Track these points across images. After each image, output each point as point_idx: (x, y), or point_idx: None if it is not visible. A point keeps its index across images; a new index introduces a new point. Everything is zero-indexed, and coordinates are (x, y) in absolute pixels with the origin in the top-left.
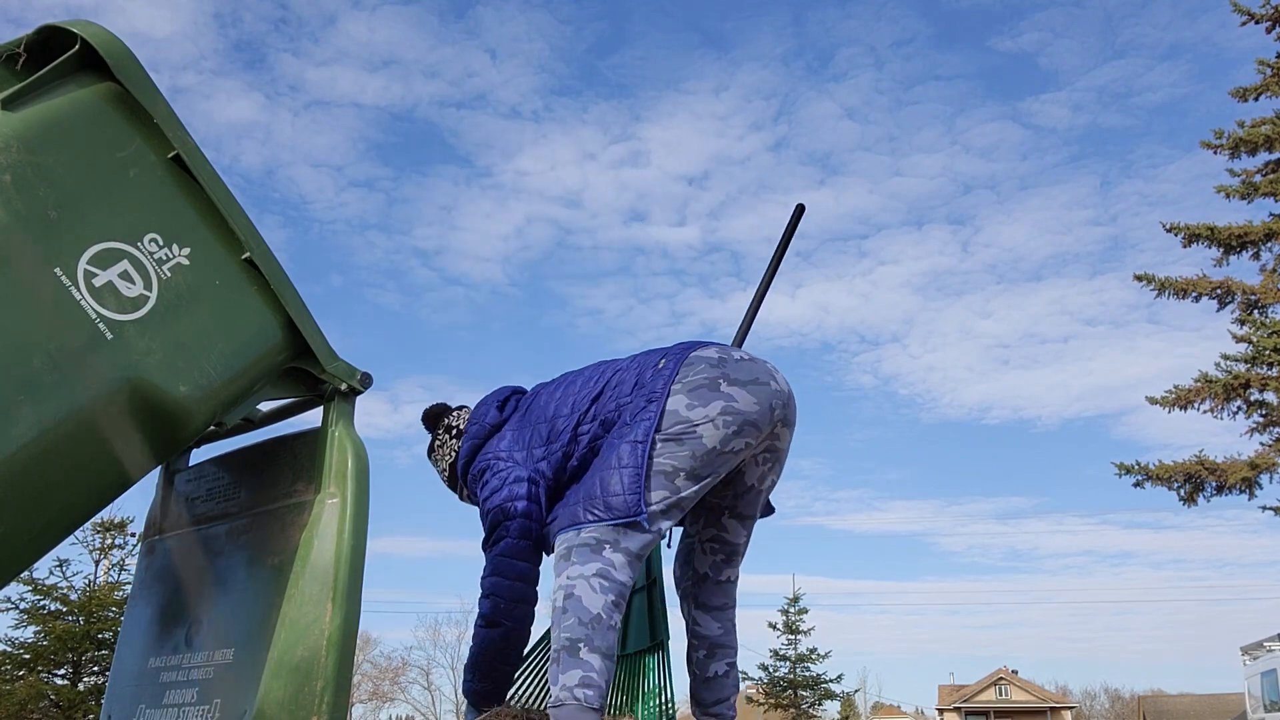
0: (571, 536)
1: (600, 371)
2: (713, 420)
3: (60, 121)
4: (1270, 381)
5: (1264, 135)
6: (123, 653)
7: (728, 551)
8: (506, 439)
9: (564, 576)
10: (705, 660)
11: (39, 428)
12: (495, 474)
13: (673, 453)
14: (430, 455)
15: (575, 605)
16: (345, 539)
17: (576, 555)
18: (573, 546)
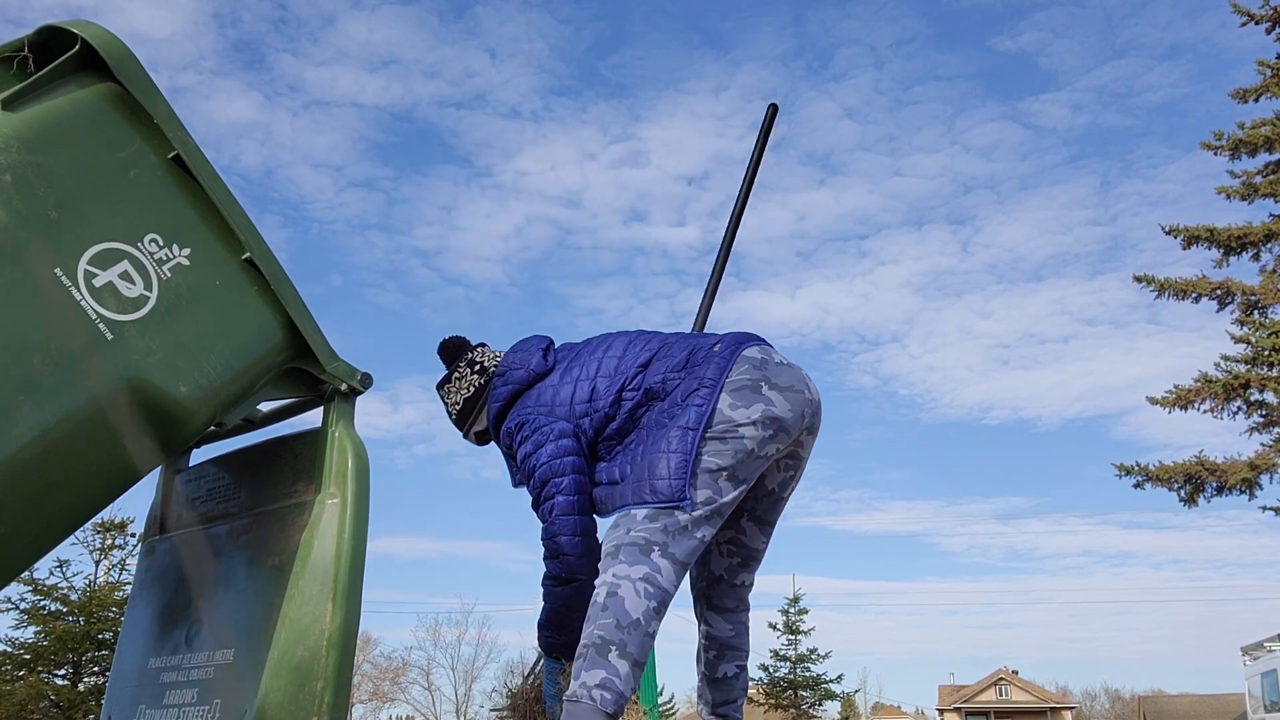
0: (621, 535)
1: (648, 340)
2: (755, 423)
3: (61, 122)
4: (1270, 382)
5: (1264, 136)
6: (123, 653)
7: (744, 555)
8: (548, 391)
9: (609, 574)
10: (715, 661)
11: (39, 428)
12: (539, 429)
13: (717, 450)
14: (442, 388)
15: (617, 605)
16: (345, 539)
17: (625, 555)
18: (621, 545)
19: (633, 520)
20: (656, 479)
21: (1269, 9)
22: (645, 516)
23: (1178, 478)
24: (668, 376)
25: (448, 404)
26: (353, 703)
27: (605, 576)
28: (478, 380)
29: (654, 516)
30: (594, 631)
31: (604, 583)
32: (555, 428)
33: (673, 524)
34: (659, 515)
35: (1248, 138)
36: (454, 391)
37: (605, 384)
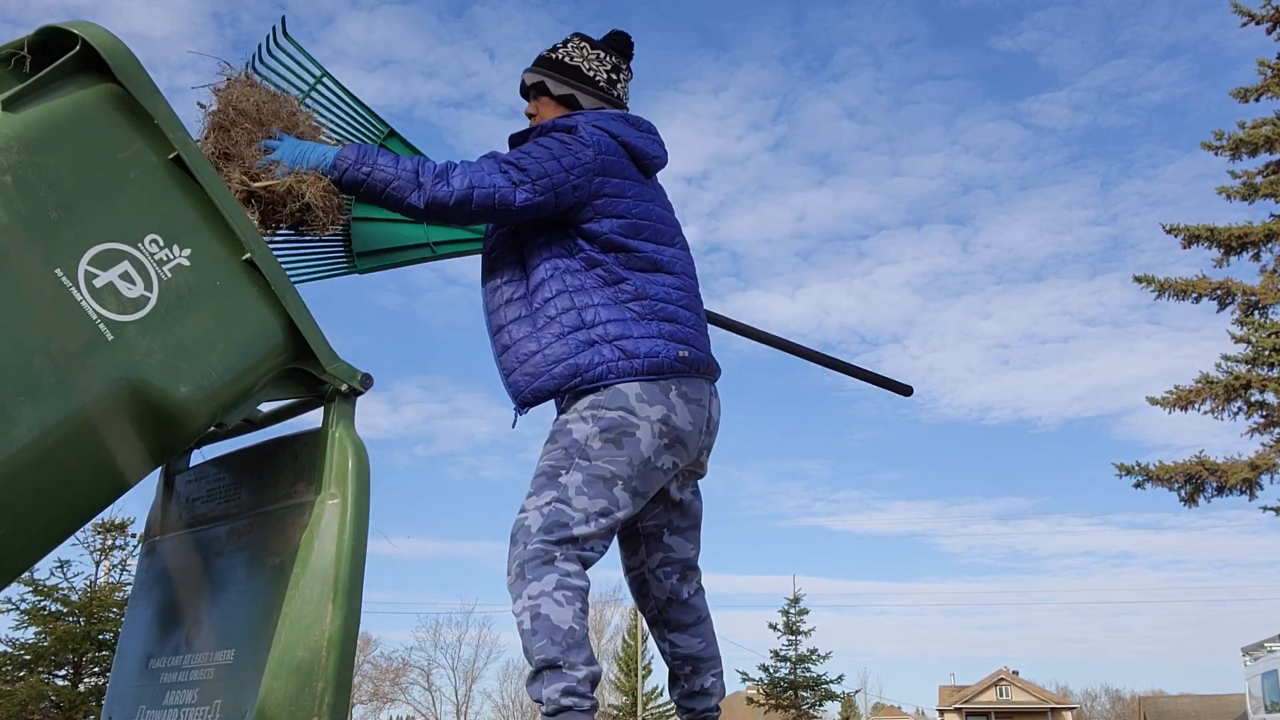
0: (519, 552)
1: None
2: (652, 424)
3: (61, 123)
4: (1270, 382)
5: (1264, 136)
6: (123, 653)
7: (682, 568)
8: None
9: (525, 598)
10: (693, 675)
11: (39, 429)
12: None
13: (612, 457)
14: (581, 38)
15: (545, 625)
16: (346, 540)
17: (530, 572)
18: (524, 563)
19: (528, 534)
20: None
21: (1270, 9)
22: (539, 529)
23: (1178, 478)
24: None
25: (564, 49)
26: (353, 703)
27: (522, 603)
28: (601, 80)
29: (549, 529)
30: (536, 657)
31: (525, 609)
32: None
33: (565, 538)
34: (553, 528)
35: (1248, 137)
36: (579, 54)
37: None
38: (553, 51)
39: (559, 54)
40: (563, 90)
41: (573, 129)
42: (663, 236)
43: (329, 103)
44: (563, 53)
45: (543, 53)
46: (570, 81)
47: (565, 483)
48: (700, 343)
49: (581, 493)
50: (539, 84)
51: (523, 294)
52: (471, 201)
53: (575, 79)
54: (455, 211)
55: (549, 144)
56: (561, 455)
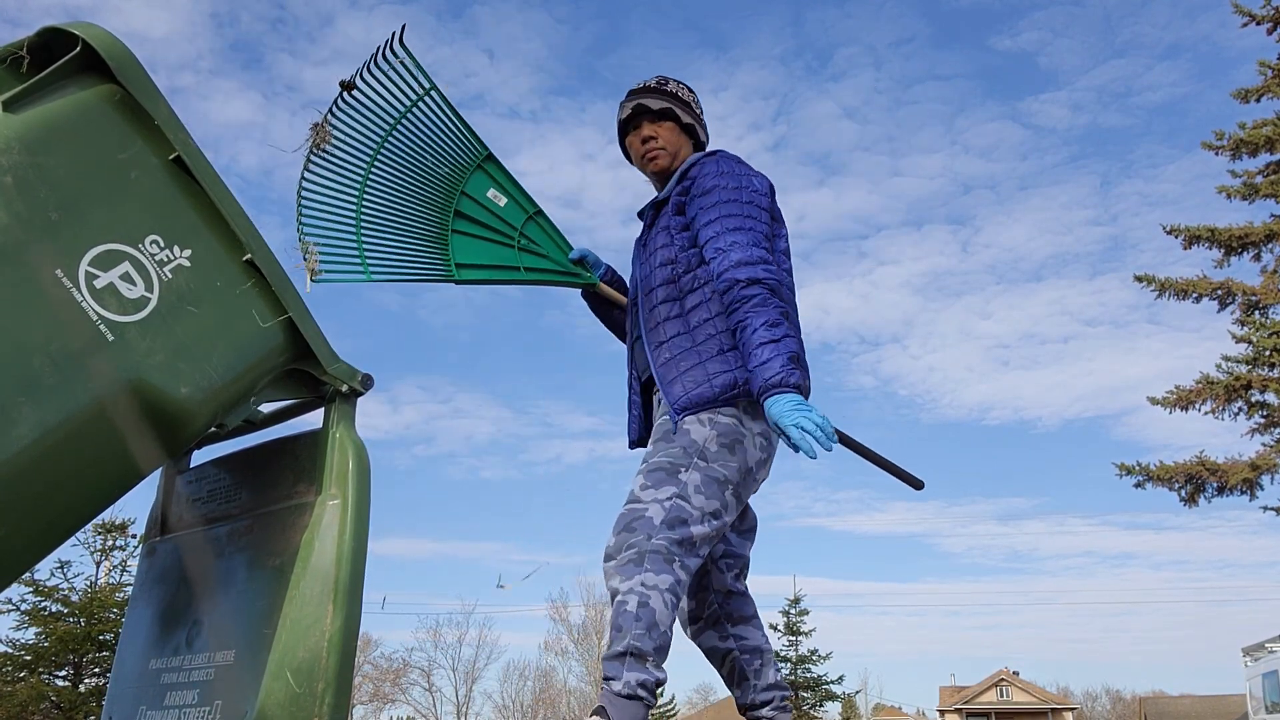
0: (640, 540)
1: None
2: (754, 437)
3: (62, 123)
4: (1271, 383)
5: (1265, 136)
6: (124, 654)
7: (741, 565)
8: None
9: (638, 582)
10: (762, 669)
11: (40, 429)
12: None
13: (725, 462)
14: (675, 80)
15: (649, 615)
16: (346, 540)
17: (650, 562)
18: (645, 552)
19: (650, 526)
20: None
21: (1270, 9)
22: (662, 522)
23: (1178, 478)
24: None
25: (673, 84)
26: (353, 704)
27: (633, 584)
28: (700, 115)
29: (671, 524)
30: (629, 640)
31: (633, 590)
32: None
33: (686, 539)
34: (675, 524)
35: (1249, 138)
36: (687, 91)
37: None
38: (664, 84)
39: (672, 88)
40: (688, 119)
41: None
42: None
43: (433, 117)
44: (675, 87)
45: (651, 85)
46: (692, 113)
47: (685, 480)
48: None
49: (699, 492)
50: (666, 110)
51: (679, 313)
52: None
53: (691, 110)
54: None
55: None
56: (680, 454)
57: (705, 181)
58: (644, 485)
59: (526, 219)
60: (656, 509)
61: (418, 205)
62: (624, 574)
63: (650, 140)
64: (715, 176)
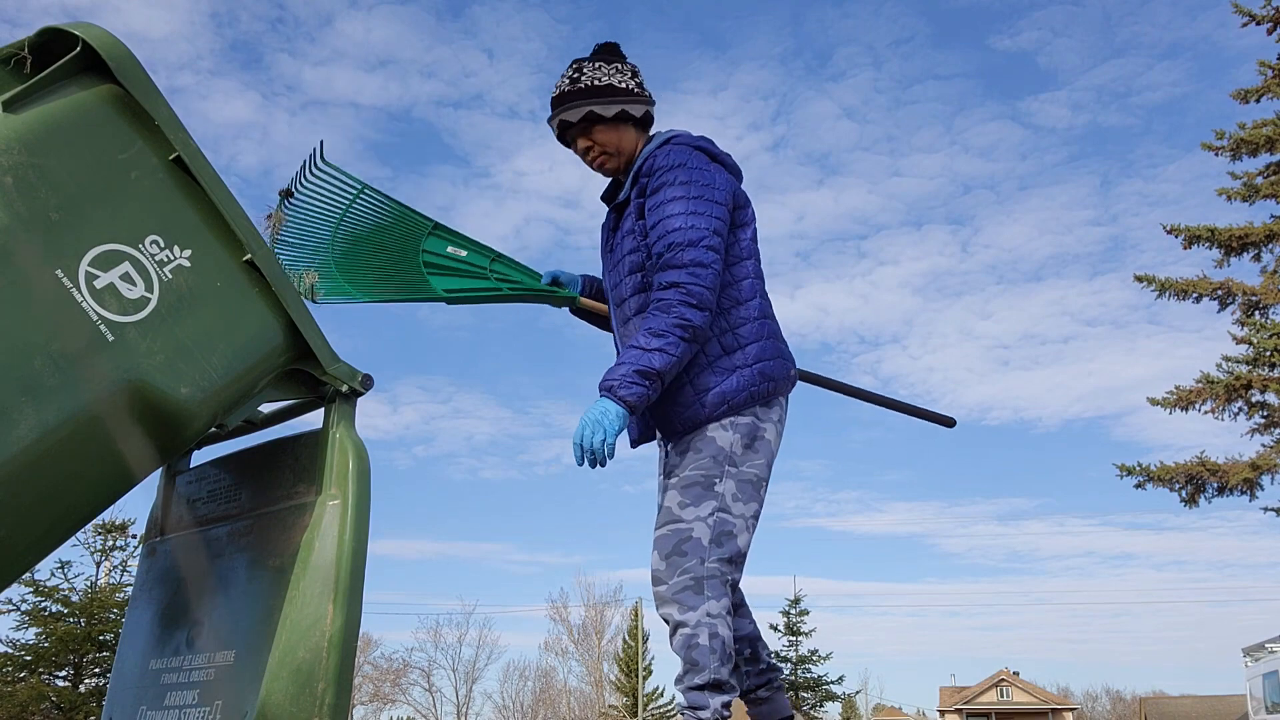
0: (694, 565)
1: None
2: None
3: (62, 124)
4: (1271, 383)
5: (1265, 137)
6: (124, 654)
7: None
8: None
9: (702, 612)
10: (753, 658)
11: (40, 429)
12: (712, 200)
13: (753, 461)
14: (590, 61)
15: (720, 646)
16: (346, 540)
17: (710, 590)
18: (702, 579)
19: (700, 549)
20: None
21: (1270, 9)
22: (711, 541)
23: (1179, 478)
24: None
25: (585, 73)
26: (354, 704)
27: (699, 614)
28: (634, 84)
29: (719, 541)
30: (711, 675)
31: (703, 622)
32: (728, 196)
33: (734, 554)
34: (723, 540)
35: (1249, 138)
36: (603, 71)
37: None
38: (575, 83)
39: (585, 80)
40: (613, 110)
41: (684, 165)
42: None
43: (373, 209)
44: (588, 78)
45: (565, 89)
46: (614, 99)
47: (721, 491)
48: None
49: (737, 499)
50: (587, 115)
51: None
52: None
53: (616, 95)
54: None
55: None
56: (710, 464)
57: (657, 179)
58: (682, 503)
59: (492, 260)
60: (702, 528)
61: (387, 255)
62: (683, 603)
63: (589, 151)
64: (666, 173)
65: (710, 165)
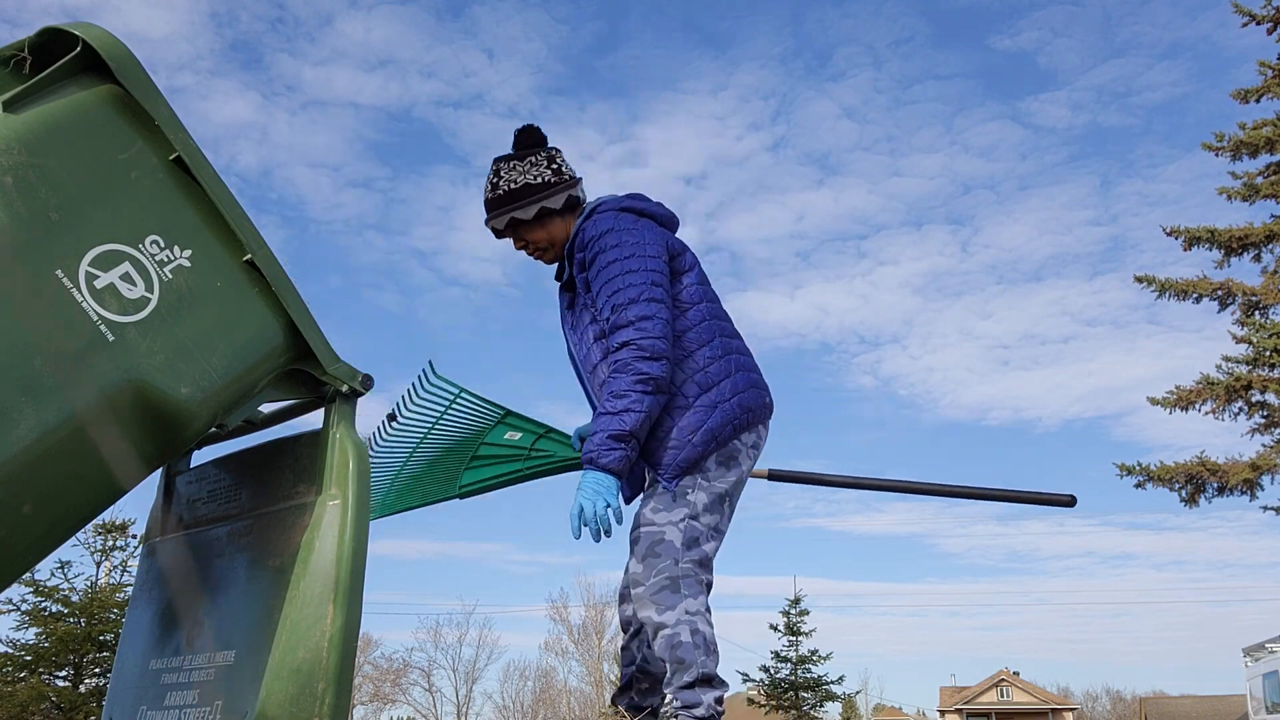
0: (668, 565)
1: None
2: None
3: (62, 124)
4: (1271, 383)
5: (1265, 137)
6: (124, 654)
7: None
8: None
9: (682, 612)
10: (648, 693)
11: (40, 430)
12: (644, 254)
13: (723, 477)
14: (505, 162)
15: (704, 641)
16: (346, 540)
17: (685, 588)
18: (677, 578)
19: (673, 550)
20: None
21: (1270, 9)
22: (682, 544)
23: (1179, 478)
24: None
25: (501, 179)
26: (354, 704)
27: (678, 613)
28: (549, 175)
29: (689, 545)
30: (699, 670)
31: (682, 620)
32: (660, 248)
33: (704, 557)
34: (692, 544)
35: (1249, 138)
36: (517, 171)
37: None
38: (495, 189)
39: (502, 186)
40: (530, 212)
41: (611, 229)
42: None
43: (469, 408)
44: (505, 182)
45: (487, 197)
46: (531, 200)
47: (693, 500)
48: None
49: (707, 510)
50: (510, 222)
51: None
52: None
53: (532, 194)
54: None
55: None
56: (685, 476)
57: (591, 251)
58: (655, 508)
59: (537, 439)
60: (674, 531)
61: (442, 462)
62: (661, 603)
63: (524, 249)
64: (597, 241)
65: (637, 222)
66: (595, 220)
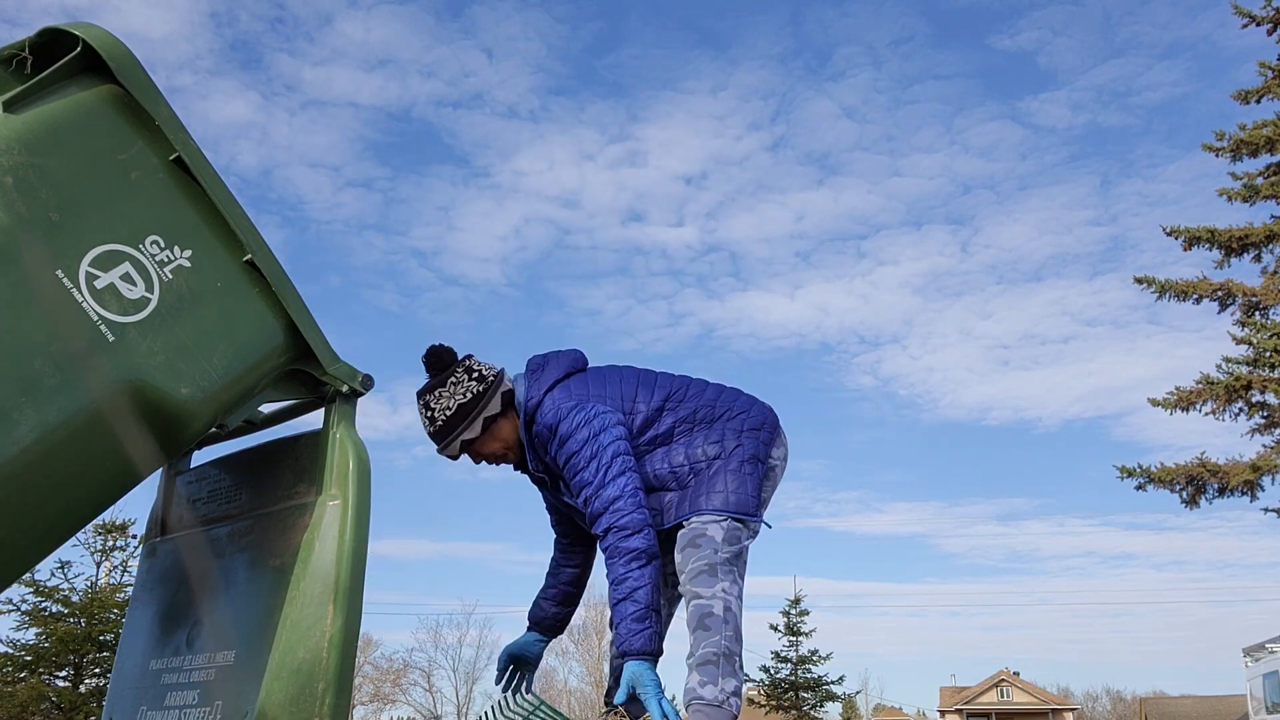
0: (710, 554)
1: (658, 377)
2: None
3: (62, 124)
4: (1271, 383)
5: (1265, 137)
6: (124, 655)
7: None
8: (594, 382)
9: (719, 589)
10: None
11: (41, 430)
12: (599, 413)
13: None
14: (430, 393)
15: (734, 621)
16: (347, 541)
17: (723, 574)
18: (715, 564)
19: (713, 540)
20: (731, 493)
21: (1270, 10)
22: (724, 538)
23: (1179, 479)
24: (706, 405)
25: (435, 410)
26: (354, 704)
27: (715, 590)
28: (476, 387)
29: (731, 539)
30: (722, 642)
31: (717, 596)
32: (611, 414)
33: (743, 550)
34: (734, 537)
35: (1249, 139)
36: (445, 397)
37: (646, 393)
38: (434, 423)
39: (439, 418)
40: (476, 428)
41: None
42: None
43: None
44: (439, 413)
45: (430, 432)
46: (471, 418)
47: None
48: None
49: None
50: (463, 444)
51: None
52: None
53: (469, 413)
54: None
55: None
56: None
57: (551, 449)
58: (696, 509)
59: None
60: (715, 528)
61: None
62: (700, 584)
63: (484, 460)
64: (551, 438)
65: (574, 399)
66: (539, 422)
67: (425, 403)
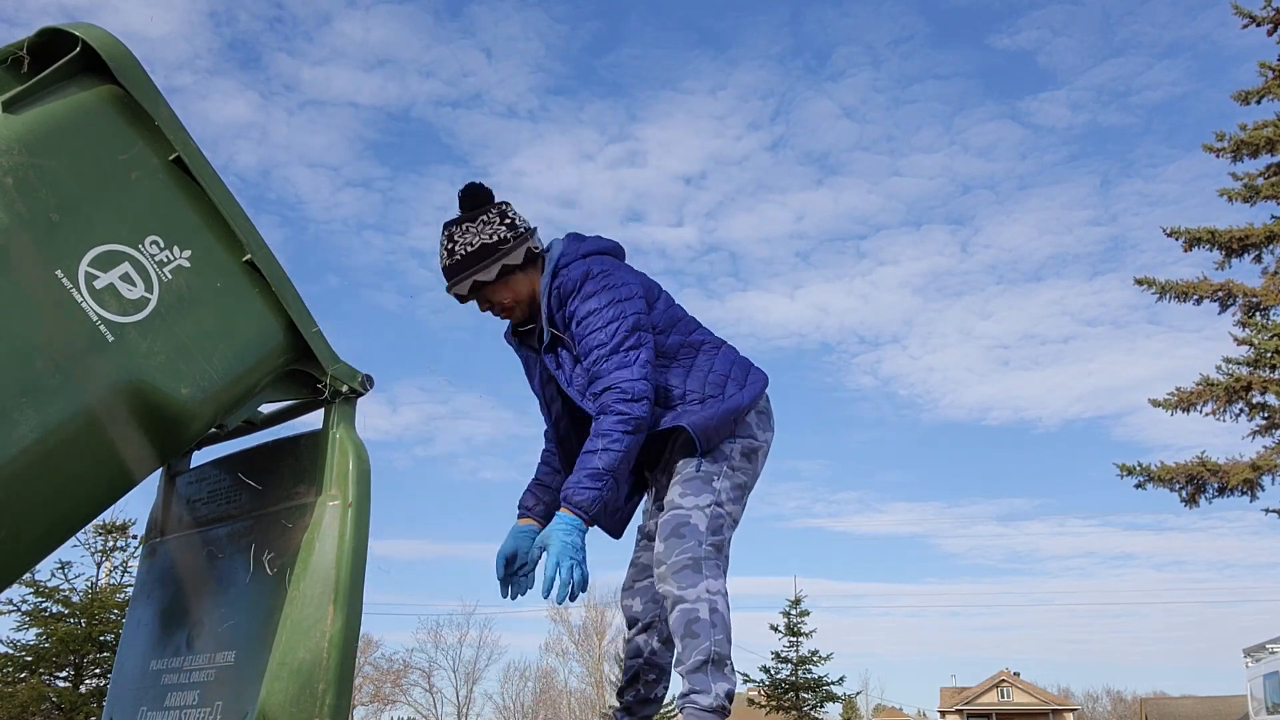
0: (692, 546)
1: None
2: (768, 446)
3: (62, 124)
4: (1271, 384)
5: (1265, 138)
6: (124, 655)
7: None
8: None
9: (704, 590)
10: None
11: (41, 430)
12: (626, 282)
13: (744, 469)
14: (457, 225)
15: (722, 622)
16: (347, 541)
17: (707, 569)
18: (699, 559)
19: (696, 530)
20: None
21: (1270, 10)
22: (708, 527)
23: (1179, 478)
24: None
25: (457, 243)
26: (354, 705)
27: (699, 590)
28: (504, 232)
29: (714, 528)
30: (711, 647)
31: (702, 599)
32: (640, 291)
33: (726, 541)
34: (717, 526)
35: (1249, 139)
36: (471, 233)
37: (667, 305)
38: (452, 255)
39: (459, 251)
40: (492, 272)
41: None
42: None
43: None
44: (460, 247)
45: (445, 264)
46: (491, 260)
47: (718, 488)
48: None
49: (729, 498)
50: (474, 285)
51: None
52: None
53: (491, 254)
54: (648, 405)
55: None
56: (711, 463)
57: (571, 305)
58: (683, 492)
59: None
60: (699, 515)
61: None
62: (682, 580)
63: (491, 311)
64: (577, 292)
65: (609, 264)
66: (569, 273)
67: (450, 234)
